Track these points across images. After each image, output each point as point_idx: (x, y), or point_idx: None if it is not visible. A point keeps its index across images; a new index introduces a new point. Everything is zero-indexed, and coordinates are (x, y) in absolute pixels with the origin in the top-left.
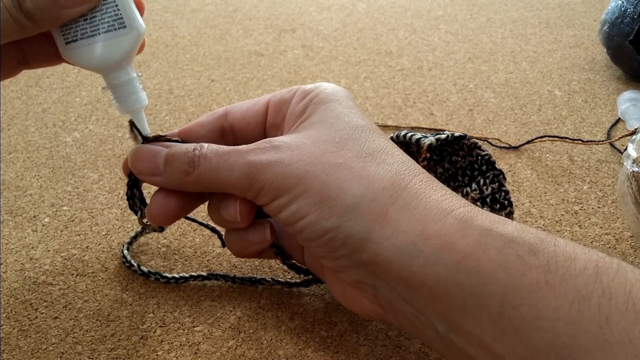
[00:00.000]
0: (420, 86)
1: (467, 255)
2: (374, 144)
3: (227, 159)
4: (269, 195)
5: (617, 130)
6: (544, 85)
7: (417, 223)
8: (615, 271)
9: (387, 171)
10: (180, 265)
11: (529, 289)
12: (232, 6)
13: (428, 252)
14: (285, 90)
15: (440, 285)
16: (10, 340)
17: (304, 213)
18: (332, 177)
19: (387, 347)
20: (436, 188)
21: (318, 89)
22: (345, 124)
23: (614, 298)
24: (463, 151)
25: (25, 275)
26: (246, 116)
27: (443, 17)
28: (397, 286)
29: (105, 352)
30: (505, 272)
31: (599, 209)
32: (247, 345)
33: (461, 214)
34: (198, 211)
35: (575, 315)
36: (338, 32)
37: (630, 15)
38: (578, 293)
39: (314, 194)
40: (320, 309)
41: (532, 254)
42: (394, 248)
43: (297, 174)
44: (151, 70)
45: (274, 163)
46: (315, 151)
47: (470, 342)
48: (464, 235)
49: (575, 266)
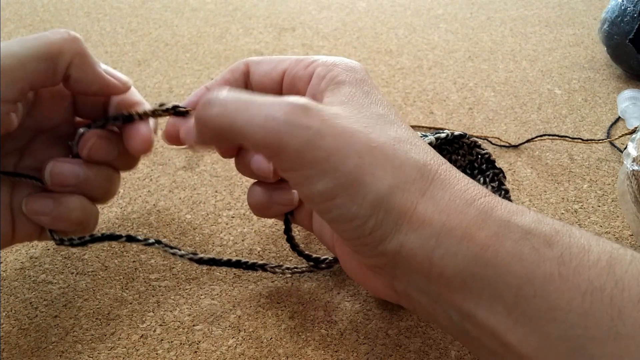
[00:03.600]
0: (420, 85)
1: (485, 247)
2: (397, 133)
3: (248, 106)
4: (289, 162)
5: (617, 129)
6: (544, 84)
7: (441, 214)
8: (628, 263)
9: (416, 161)
10: (180, 264)
11: (542, 281)
12: (232, 5)
13: (449, 243)
14: (304, 63)
15: (458, 276)
16: (10, 339)
17: (334, 194)
18: (365, 161)
19: (387, 345)
20: (459, 177)
21: (338, 67)
22: (368, 112)
23: (627, 290)
24: (463, 150)
25: (25, 274)
26: (263, 80)
27: (443, 16)
28: (414, 276)
29: (105, 350)
30: (520, 264)
31: (599, 207)
32: (247, 344)
33: (482, 204)
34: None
35: (588, 307)
36: (338, 31)
37: (630, 14)
38: (591, 285)
39: (345, 175)
40: (320, 308)
41: (547, 245)
42: (419, 240)
43: (328, 148)
44: (151, 69)
45: (302, 127)
46: (348, 128)
47: (484, 332)
48: (483, 226)
49: (589, 258)
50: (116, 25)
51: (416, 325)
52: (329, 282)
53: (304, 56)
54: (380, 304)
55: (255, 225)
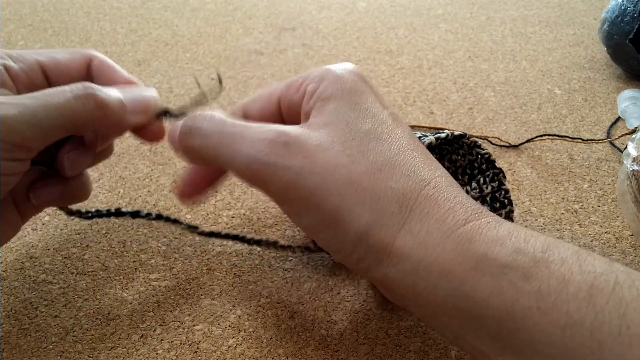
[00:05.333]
0: (420, 85)
1: (464, 282)
2: (380, 155)
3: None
4: (275, 198)
5: (617, 129)
6: (544, 83)
7: (419, 249)
8: (610, 291)
9: (395, 191)
10: (180, 264)
11: (522, 315)
12: (232, 5)
13: (428, 278)
14: (294, 86)
15: (442, 307)
16: (10, 339)
17: (318, 229)
18: (345, 198)
19: (387, 345)
20: (440, 202)
21: (324, 82)
22: (353, 132)
23: (607, 323)
24: (463, 150)
25: (25, 274)
26: (263, 118)
27: (443, 16)
28: (407, 299)
29: (105, 350)
30: (499, 298)
31: (599, 207)
32: (247, 344)
33: (460, 236)
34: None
35: (568, 341)
36: (338, 31)
37: (630, 14)
38: (570, 318)
39: (326, 214)
40: (320, 308)
41: (525, 279)
42: (400, 273)
43: (310, 187)
44: (151, 69)
45: (284, 168)
46: (329, 163)
47: (476, 352)
48: (460, 261)
49: (568, 290)
50: (116, 25)
51: (416, 325)
52: (329, 282)
53: (293, 78)
54: (380, 303)
55: (255, 225)
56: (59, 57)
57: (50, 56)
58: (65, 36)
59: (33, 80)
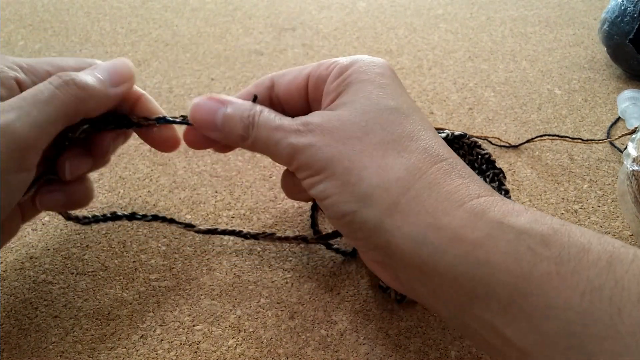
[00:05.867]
0: (420, 85)
1: (477, 247)
2: (400, 128)
3: (275, 135)
4: (304, 173)
5: (617, 129)
6: (544, 84)
7: (426, 215)
8: (630, 262)
9: (406, 160)
10: (180, 264)
11: (539, 280)
12: (232, 5)
13: (437, 243)
14: (325, 64)
15: (449, 273)
16: (11, 339)
17: (329, 193)
18: (354, 164)
19: (387, 346)
20: (454, 177)
21: (353, 66)
22: (374, 106)
23: (627, 289)
24: (463, 150)
25: (25, 274)
26: (290, 89)
27: (443, 16)
28: (411, 270)
29: (105, 351)
30: (516, 263)
31: (599, 207)
32: (247, 344)
33: (473, 207)
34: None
35: (587, 306)
36: (338, 31)
37: (630, 14)
38: (590, 284)
39: (338, 178)
40: (320, 308)
41: (544, 245)
42: (404, 236)
43: (326, 157)
44: (151, 69)
45: (308, 147)
46: (342, 136)
47: (482, 326)
48: (474, 228)
49: (588, 258)
50: (116, 25)
51: (416, 325)
52: (329, 282)
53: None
54: (381, 304)
55: (255, 226)
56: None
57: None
58: (65, 36)
59: None
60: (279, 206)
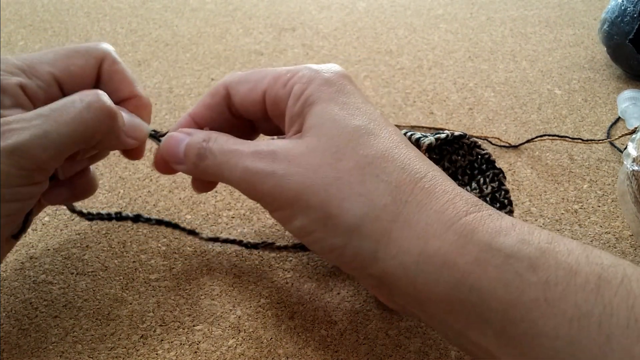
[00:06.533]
0: (420, 85)
1: (467, 274)
2: (373, 149)
3: (230, 158)
4: (268, 206)
5: (617, 129)
6: (544, 84)
7: (418, 241)
8: (618, 284)
9: (387, 183)
10: (180, 264)
11: (528, 306)
12: (232, 5)
13: (429, 270)
14: (282, 80)
15: (444, 301)
16: (11, 339)
17: (310, 230)
18: (331, 194)
19: (387, 346)
20: (438, 194)
21: (312, 84)
22: (341, 129)
23: (615, 315)
24: (463, 150)
25: (25, 274)
26: (245, 103)
27: (443, 16)
28: (407, 297)
29: (105, 351)
30: (505, 289)
31: (599, 207)
32: (247, 344)
33: (461, 227)
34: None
35: (575, 334)
36: (338, 31)
37: (630, 14)
38: (578, 310)
39: (317, 211)
40: (320, 308)
41: (531, 270)
42: (399, 267)
43: (295, 188)
44: (151, 69)
45: (270, 174)
46: (313, 163)
47: (478, 349)
48: (463, 252)
49: (576, 281)
50: (116, 25)
51: (416, 325)
52: (329, 283)
53: (282, 71)
54: (380, 304)
55: (255, 226)
56: (73, 69)
57: (64, 68)
58: (65, 36)
59: (50, 95)
60: None
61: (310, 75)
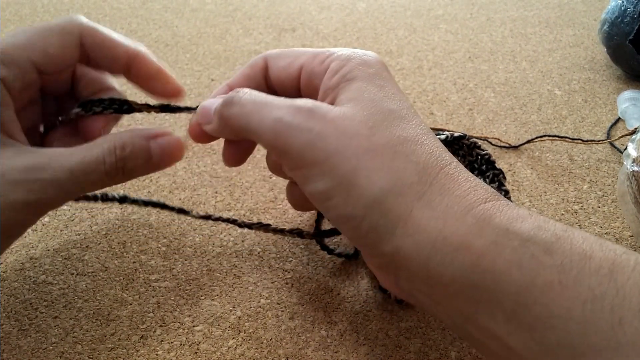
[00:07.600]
0: (420, 85)
1: (482, 255)
2: (404, 132)
3: (262, 108)
4: (293, 161)
5: (617, 130)
6: (544, 84)
7: (437, 221)
8: (631, 269)
9: (416, 164)
10: (180, 265)
11: (542, 289)
12: (232, 5)
13: (445, 251)
14: (320, 57)
15: (456, 283)
16: (11, 340)
17: (331, 195)
18: (362, 164)
19: (387, 346)
20: (461, 181)
21: (351, 62)
22: (378, 107)
23: (628, 298)
24: (463, 151)
25: (25, 275)
26: (281, 77)
27: (443, 17)
28: (415, 279)
29: (105, 351)
30: (519, 271)
31: (599, 208)
32: (247, 344)
33: (480, 212)
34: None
35: (588, 316)
36: (338, 32)
37: (630, 14)
38: (591, 293)
39: (341, 177)
40: (320, 309)
41: (547, 253)
42: (415, 246)
43: (328, 149)
44: None
45: (306, 130)
46: (349, 130)
47: (486, 335)
48: (480, 234)
49: (590, 265)
50: (116, 25)
51: (416, 326)
52: (329, 283)
53: (321, 50)
54: (381, 304)
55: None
56: (51, 50)
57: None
58: None
59: (28, 83)
60: (279, 207)
61: (349, 55)
